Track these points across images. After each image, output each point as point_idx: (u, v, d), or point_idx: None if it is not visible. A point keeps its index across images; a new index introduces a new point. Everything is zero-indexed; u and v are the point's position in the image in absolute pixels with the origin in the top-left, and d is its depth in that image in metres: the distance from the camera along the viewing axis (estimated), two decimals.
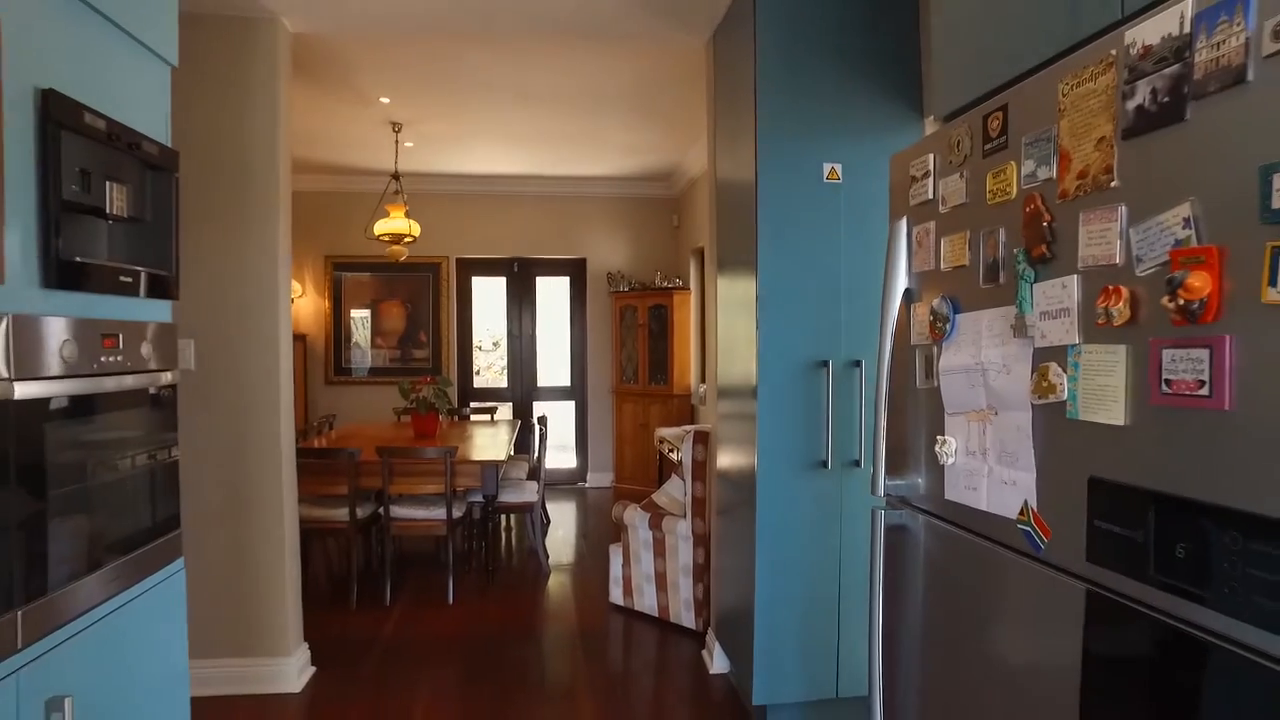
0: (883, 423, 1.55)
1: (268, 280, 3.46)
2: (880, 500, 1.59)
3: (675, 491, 4.48)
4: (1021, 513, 1.17)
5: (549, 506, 6.80)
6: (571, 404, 8.39)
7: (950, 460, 1.34)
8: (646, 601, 4.39)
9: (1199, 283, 0.83)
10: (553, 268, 8.30)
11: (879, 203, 2.80)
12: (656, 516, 4.28)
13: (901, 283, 1.53)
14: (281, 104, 3.50)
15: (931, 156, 1.44)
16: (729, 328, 3.51)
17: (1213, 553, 0.84)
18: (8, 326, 1.41)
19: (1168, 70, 0.91)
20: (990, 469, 1.24)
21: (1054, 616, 1.09)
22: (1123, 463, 0.99)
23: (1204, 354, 0.86)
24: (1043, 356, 1.14)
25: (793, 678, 3.04)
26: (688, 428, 5.49)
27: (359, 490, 4.65)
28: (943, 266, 1.40)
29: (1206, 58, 0.85)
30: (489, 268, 8.22)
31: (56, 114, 1.56)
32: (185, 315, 3.21)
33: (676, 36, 3.82)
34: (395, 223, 5.94)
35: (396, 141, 6.06)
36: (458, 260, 8.07)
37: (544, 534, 5.66)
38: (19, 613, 1.42)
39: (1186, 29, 0.88)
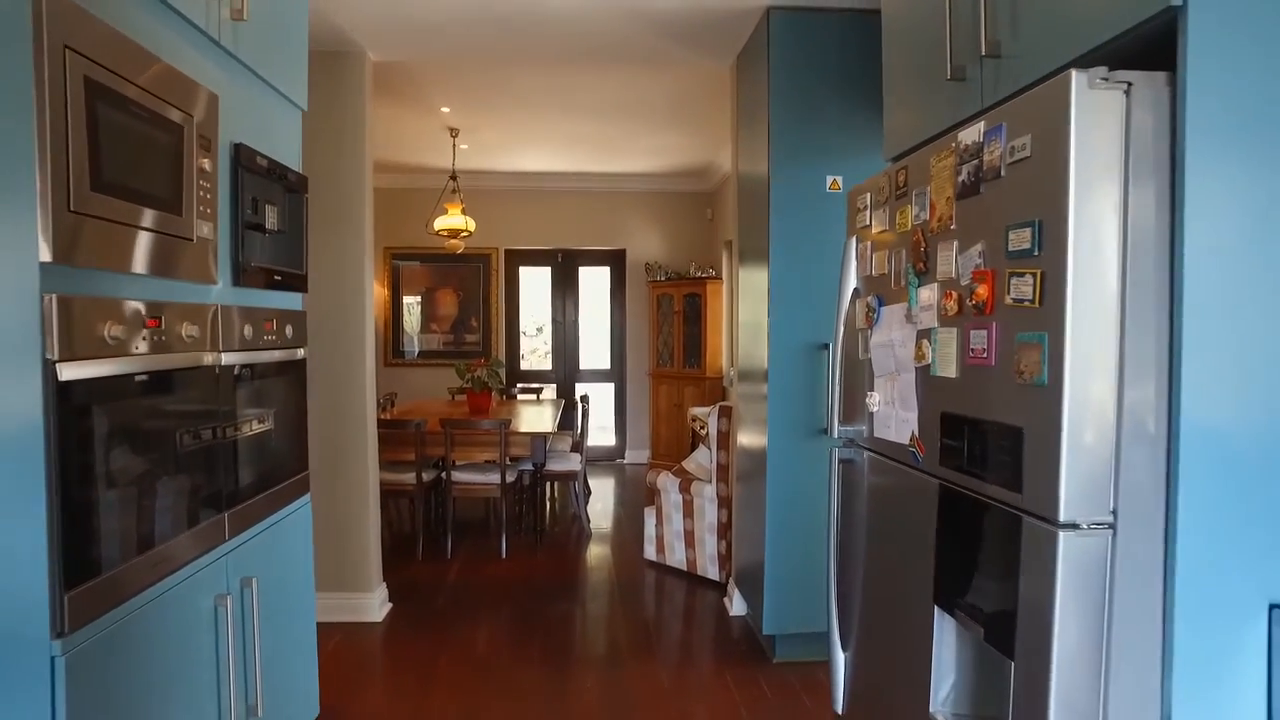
0: (837, 387, 2.12)
1: (355, 276, 4.08)
2: (837, 441, 2.16)
3: (703, 459, 5.05)
4: (910, 439, 1.73)
5: (590, 480, 7.35)
6: (611, 385, 8.88)
7: (876, 409, 1.91)
8: (676, 557, 4.92)
9: (983, 292, 1.40)
10: (594, 258, 8.78)
11: None
12: (686, 481, 4.84)
13: (851, 284, 2.09)
14: (368, 126, 4.11)
15: (869, 194, 2.00)
16: (747, 315, 3.99)
17: (987, 448, 1.41)
18: (216, 314, 2.03)
19: (973, 162, 1.46)
20: (896, 412, 1.80)
21: (924, 504, 1.66)
22: (955, 401, 1.56)
23: (985, 333, 1.42)
24: (920, 336, 1.70)
25: (796, 612, 3.56)
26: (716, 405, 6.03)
27: (424, 457, 5.28)
28: (874, 273, 1.96)
29: (987, 159, 1.40)
30: (535, 258, 8.73)
31: (243, 160, 2.16)
32: None
33: (705, 61, 4.29)
34: (454, 219, 6.47)
35: (453, 145, 6.59)
36: (506, 251, 8.59)
37: (585, 502, 6.25)
38: (225, 515, 2.05)
39: (980, 139, 1.43)
